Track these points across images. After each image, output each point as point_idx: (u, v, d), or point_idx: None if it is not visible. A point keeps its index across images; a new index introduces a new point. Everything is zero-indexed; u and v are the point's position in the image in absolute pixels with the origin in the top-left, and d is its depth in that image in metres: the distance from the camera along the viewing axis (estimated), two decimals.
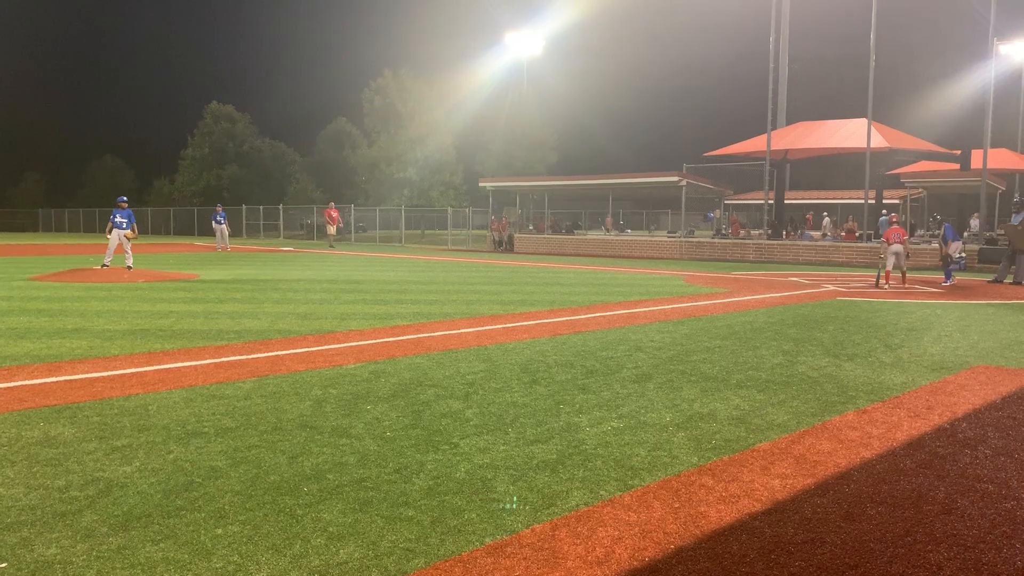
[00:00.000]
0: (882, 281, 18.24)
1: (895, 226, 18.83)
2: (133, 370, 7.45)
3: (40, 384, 6.80)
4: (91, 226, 64.80)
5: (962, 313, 12.92)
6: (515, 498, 4.25)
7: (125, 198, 21.51)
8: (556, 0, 59.69)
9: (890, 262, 18.24)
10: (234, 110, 69.27)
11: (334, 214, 40.66)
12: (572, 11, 60.19)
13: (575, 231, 40.70)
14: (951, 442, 5.42)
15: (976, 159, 28.70)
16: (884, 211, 31.09)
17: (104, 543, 3.59)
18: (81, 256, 27.25)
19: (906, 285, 18.01)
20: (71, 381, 6.93)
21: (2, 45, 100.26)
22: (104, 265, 20.24)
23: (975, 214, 31.92)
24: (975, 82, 36.74)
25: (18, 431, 5.33)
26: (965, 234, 28.80)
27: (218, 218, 35.74)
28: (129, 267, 20.09)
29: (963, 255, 18.53)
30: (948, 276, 18.77)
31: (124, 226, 20.53)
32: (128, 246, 20.39)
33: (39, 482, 4.37)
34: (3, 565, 3.36)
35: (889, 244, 18.28)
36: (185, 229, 59.79)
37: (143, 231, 62.99)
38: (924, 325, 11.35)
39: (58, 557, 3.44)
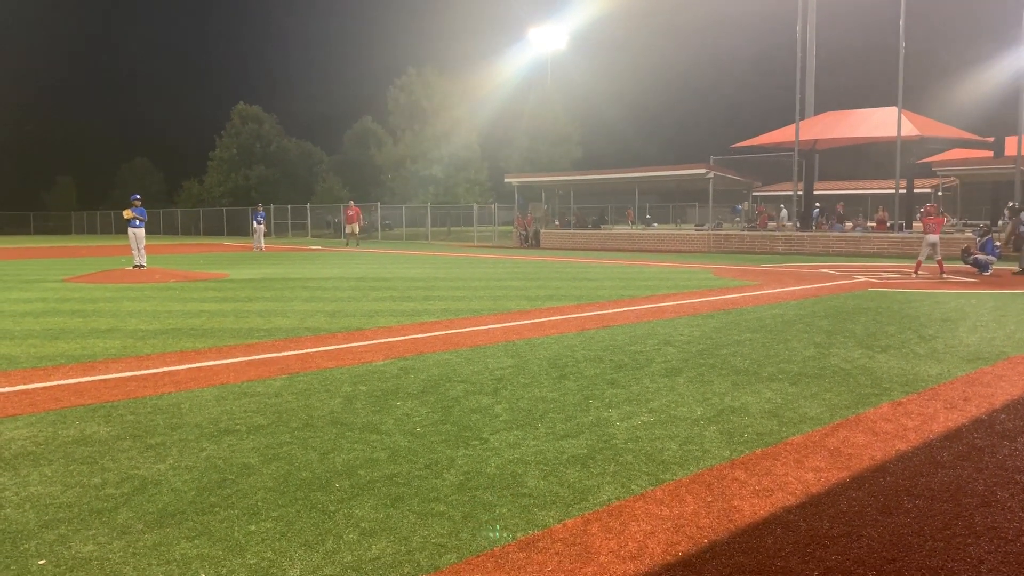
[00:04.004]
0: (916, 270, 18.05)
1: (931, 216, 18.53)
2: (165, 369, 7.54)
3: (75, 384, 6.90)
4: (123, 227, 65.31)
5: (997, 303, 12.68)
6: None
7: (138, 196, 21.89)
8: None
9: (924, 252, 18.01)
10: (261, 111, 69.80)
11: (350, 212, 39.29)
12: (596, 5, 60.11)
13: (601, 226, 40.54)
14: (989, 433, 5.32)
15: (1010, 146, 28.18)
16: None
17: (140, 540, 3.63)
18: (113, 258, 27.67)
19: (943, 275, 17.73)
20: (105, 380, 7.02)
21: (35, 52, 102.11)
22: (136, 266, 20.60)
23: (1009, 203, 31.27)
24: (1008, 68, 35.90)
25: (55, 430, 5.41)
26: (1000, 222, 28.18)
27: (258, 217, 35.93)
28: (142, 266, 20.46)
29: (991, 267, 18.36)
30: (986, 267, 18.39)
31: (138, 224, 20.82)
32: (142, 244, 20.73)
33: (76, 480, 4.43)
34: (42, 562, 3.41)
35: (925, 234, 18.11)
36: (214, 229, 60.45)
37: (172, 231, 64.00)
38: (959, 315, 11.15)
39: (95, 554, 3.49)
